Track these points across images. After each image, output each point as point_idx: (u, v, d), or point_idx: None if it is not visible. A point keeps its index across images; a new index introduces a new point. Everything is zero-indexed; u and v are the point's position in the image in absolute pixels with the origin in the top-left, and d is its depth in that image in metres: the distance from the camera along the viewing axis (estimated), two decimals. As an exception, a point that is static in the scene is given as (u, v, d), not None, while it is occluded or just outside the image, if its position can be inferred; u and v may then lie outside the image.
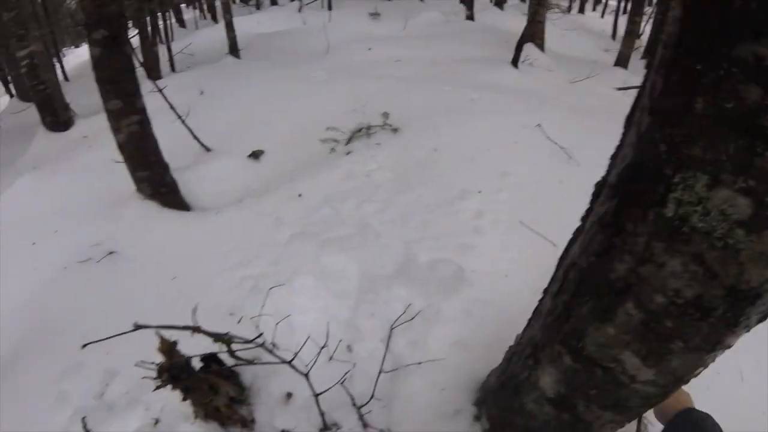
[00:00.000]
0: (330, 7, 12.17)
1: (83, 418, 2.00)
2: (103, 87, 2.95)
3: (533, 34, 6.92)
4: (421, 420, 1.67)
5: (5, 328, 2.75)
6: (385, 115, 3.71)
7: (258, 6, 17.22)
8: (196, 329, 1.46)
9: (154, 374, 1.59)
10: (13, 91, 12.63)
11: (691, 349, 0.87)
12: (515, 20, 9.95)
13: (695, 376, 0.96)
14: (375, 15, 10.78)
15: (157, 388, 1.56)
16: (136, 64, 3.23)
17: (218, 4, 13.03)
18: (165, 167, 3.28)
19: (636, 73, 7.03)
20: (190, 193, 3.55)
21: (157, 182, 3.24)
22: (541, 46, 7.28)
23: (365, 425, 1.73)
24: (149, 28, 8.80)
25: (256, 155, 3.87)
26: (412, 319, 1.92)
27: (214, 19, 17.34)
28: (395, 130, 3.61)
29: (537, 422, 1.27)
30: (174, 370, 1.55)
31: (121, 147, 3.10)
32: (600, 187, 1.00)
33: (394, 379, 1.79)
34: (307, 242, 2.38)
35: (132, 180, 3.28)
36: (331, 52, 7.03)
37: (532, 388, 1.24)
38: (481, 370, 1.69)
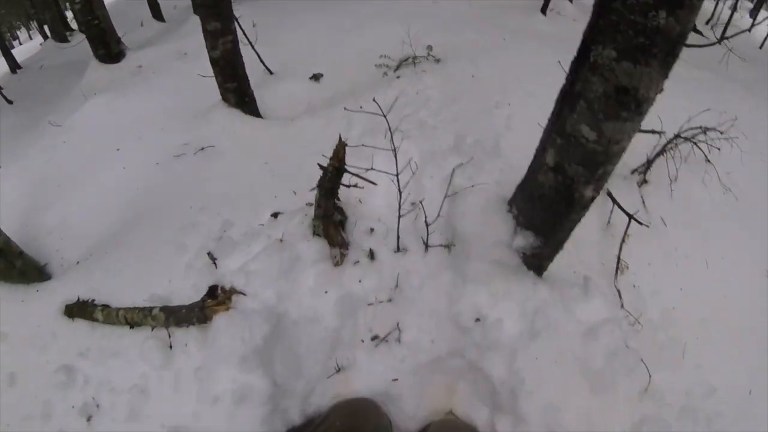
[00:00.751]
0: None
1: (209, 252, 2.69)
2: (206, 10, 3.56)
3: (563, -18, 7.33)
4: (473, 221, 2.47)
5: (109, 211, 3.37)
6: (429, 47, 4.31)
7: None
8: (340, 163, 2.15)
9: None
10: (48, 33, 13.22)
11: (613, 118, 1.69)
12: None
13: (620, 141, 1.78)
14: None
15: (321, 182, 2.30)
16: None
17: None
18: (248, 80, 3.95)
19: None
20: (263, 105, 4.21)
21: (241, 92, 3.92)
22: (570, -6, 7.69)
23: (427, 246, 2.48)
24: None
25: (316, 77, 4.52)
26: (467, 163, 2.70)
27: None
28: (438, 61, 4.24)
29: (544, 188, 2.09)
30: (332, 177, 2.26)
31: (215, 62, 3.76)
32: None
33: (453, 202, 2.57)
34: (376, 135, 3.06)
35: (220, 91, 3.95)
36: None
37: (541, 165, 2.06)
38: (510, 193, 2.51)
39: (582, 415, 2.06)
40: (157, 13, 8.71)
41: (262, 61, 4.71)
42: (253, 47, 4.61)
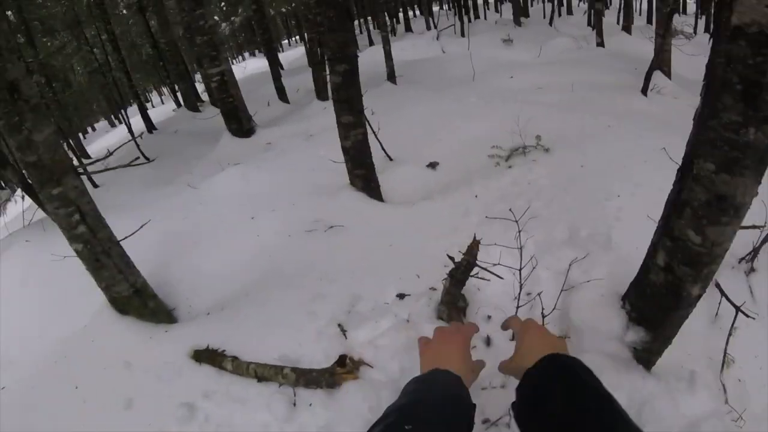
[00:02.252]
0: (463, 34, 13.24)
1: (339, 324, 3.02)
2: (340, 105, 4.16)
3: (661, 62, 7.49)
4: (587, 314, 2.70)
5: (241, 271, 3.73)
6: (538, 137, 4.65)
7: (394, 32, 18.66)
8: (473, 259, 2.50)
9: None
10: (182, 102, 14.98)
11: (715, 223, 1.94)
12: (642, 44, 10.49)
13: (722, 243, 1.97)
14: (508, 41, 11.71)
15: (453, 272, 2.63)
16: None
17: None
18: (374, 168, 4.49)
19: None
20: (383, 191, 4.68)
21: (368, 178, 4.46)
22: (668, 73, 7.81)
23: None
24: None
25: (433, 165, 5.00)
26: (582, 258, 2.97)
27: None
28: (547, 150, 4.56)
29: (656, 287, 2.32)
30: (465, 270, 2.61)
31: (347, 150, 4.34)
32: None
33: (569, 295, 2.83)
34: (494, 225, 3.40)
35: (349, 176, 4.50)
36: (476, 78, 8.06)
37: (653, 265, 2.30)
38: (623, 288, 2.69)
39: None
40: (282, 95, 9.72)
41: (383, 149, 5.27)
42: (375, 136, 5.16)
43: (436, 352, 1.05)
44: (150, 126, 11.44)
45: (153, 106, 23.52)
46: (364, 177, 4.44)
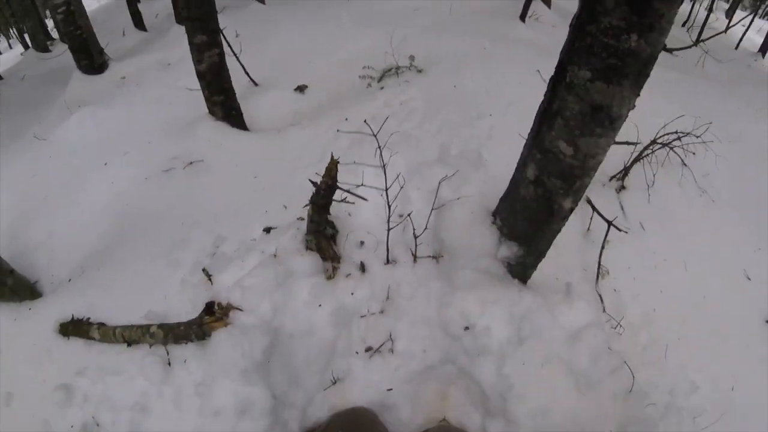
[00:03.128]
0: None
1: (203, 269, 2.74)
2: (192, 24, 3.61)
3: (541, -8, 7.49)
4: (459, 233, 2.58)
5: (98, 226, 3.39)
6: (412, 58, 4.40)
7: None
8: (333, 181, 2.24)
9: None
10: (29, 43, 13.03)
11: (588, 135, 1.82)
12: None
13: (595, 155, 1.90)
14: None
15: (313, 198, 2.37)
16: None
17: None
18: (234, 93, 4.01)
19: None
20: (248, 118, 4.26)
21: (228, 106, 3.98)
22: (548, 2, 7.84)
23: (416, 257, 2.57)
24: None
25: (301, 89, 4.59)
26: (452, 175, 2.82)
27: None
28: (420, 71, 4.33)
29: (526, 201, 2.23)
30: (325, 194, 2.34)
31: (202, 75, 3.81)
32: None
33: (440, 214, 2.68)
34: (363, 147, 3.14)
35: (207, 104, 4.00)
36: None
37: (522, 179, 2.18)
38: (493, 204, 2.61)
39: (570, 417, 2.17)
40: (138, 22, 8.65)
41: (247, 73, 4.77)
42: (237, 59, 4.65)
43: None
44: (-6, 75, 9.74)
45: (0, 53, 20.53)
46: (223, 104, 3.96)
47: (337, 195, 2.41)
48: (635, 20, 1.52)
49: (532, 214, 2.25)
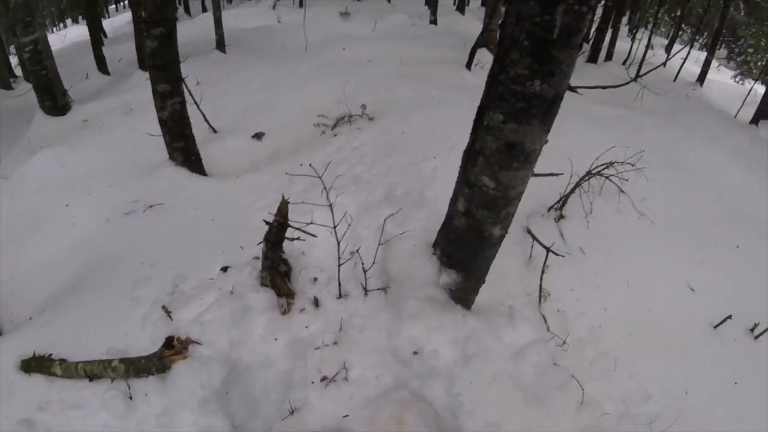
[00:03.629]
0: (301, 5, 12.98)
1: (163, 306, 2.89)
2: (156, 72, 3.84)
3: (487, 41, 7.96)
4: (403, 264, 2.85)
5: (60, 267, 3.48)
6: (364, 106, 4.72)
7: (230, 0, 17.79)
8: (284, 219, 2.49)
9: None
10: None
11: (506, 169, 2.10)
12: (473, 24, 11.10)
13: (515, 186, 2.17)
14: (345, 15, 11.72)
15: (267, 236, 2.57)
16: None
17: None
18: (194, 140, 4.23)
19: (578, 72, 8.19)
20: (207, 163, 4.46)
21: (188, 151, 4.19)
22: (493, 51, 8.30)
23: (366, 290, 2.81)
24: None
25: (258, 136, 4.86)
26: (396, 213, 3.11)
27: (188, 12, 17.65)
28: (371, 119, 4.66)
29: (459, 231, 2.50)
30: (277, 231, 2.55)
31: (164, 122, 4.02)
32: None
33: (387, 248, 2.95)
34: (316, 191, 3.37)
35: (167, 149, 4.20)
36: (309, 49, 7.92)
37: (455, 212, 2.47)
38: (434, 238, 2.87)
39: (522, 430, 2.36)
40: (102, 66, 8.77)
41: (206, 120, 5.00)
42: (198, 107, 4.88)
43: None
44: (-46, 113, 9.53)
45: (-37, 89, 19.84)
46: (183, 150, 4.17)
47: (291, 234, 2.65)
48: (537, 68, 1.81)
49: (466, 243, 2.52)
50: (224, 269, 3.05)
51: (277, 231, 2.58)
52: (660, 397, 2.64)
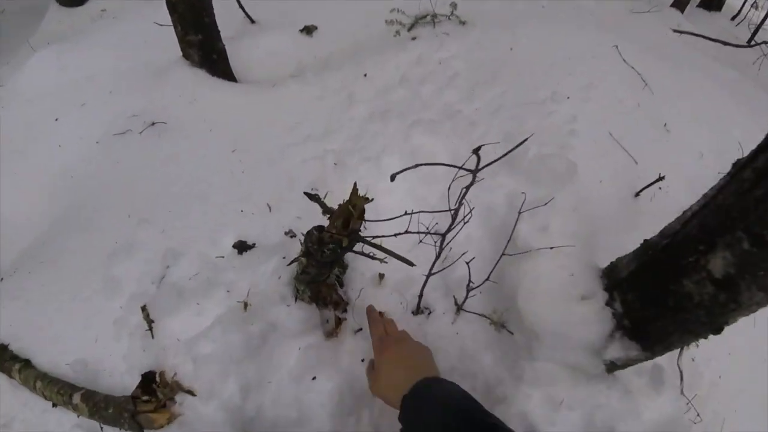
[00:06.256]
0: None
1: (143, 306, 1.81)
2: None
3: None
4: (548, 301, 1.58)
5: (39, 204, 2.67)
6: (453, 5, 3.39)
7: None
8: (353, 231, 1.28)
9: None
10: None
11: None
12: None
13: None
14: None
15: (308, 249, 1.40)
16: None
17: None
18: (218, 31, 2.99)
19: (689, 17, 6.62)
20: (237, 65, 3.27)
21: (208, 47, 2.97)
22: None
23: (459, 309, 1.65)
24: None
25: (308, 30, 3.57)
26: (542, 204, 1.76)
27: None
28: (463, 23, 3.31)
29: (690, 302, 1.26)
30: (331, 250, 1.35)
31: (173, 6, 2.79)
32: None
33: (518, 262, 1.68)
34: (391, 121, 2.20)
35: (180, 45, 3.00)
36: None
37: (697, 270, 1.23)
38: (598, 256, 1.64)
39: None
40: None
41: (242, 7, 3.77)
42: (230, -12, 3.65)
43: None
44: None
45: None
46: (201, 45, 2.94)
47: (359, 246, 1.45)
48: None
49: (692, 323, 1.33)
50: (239, 248, 1.91)
51: (332, 252, 1.36)
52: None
